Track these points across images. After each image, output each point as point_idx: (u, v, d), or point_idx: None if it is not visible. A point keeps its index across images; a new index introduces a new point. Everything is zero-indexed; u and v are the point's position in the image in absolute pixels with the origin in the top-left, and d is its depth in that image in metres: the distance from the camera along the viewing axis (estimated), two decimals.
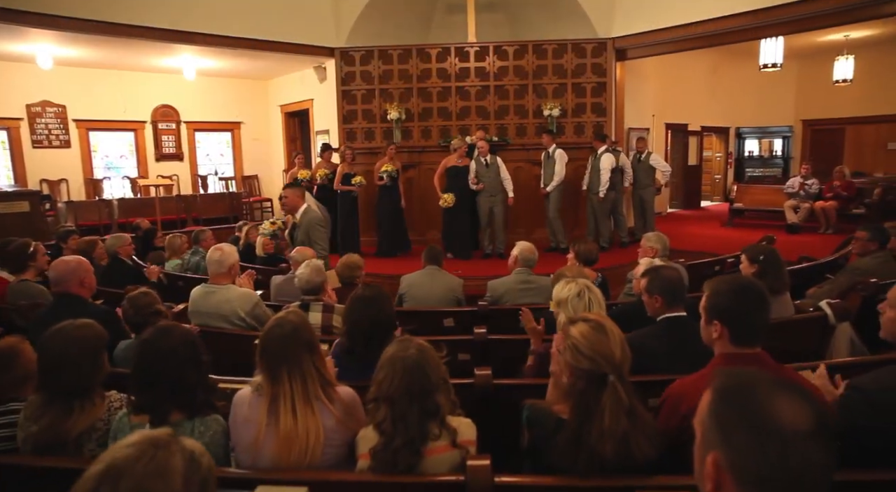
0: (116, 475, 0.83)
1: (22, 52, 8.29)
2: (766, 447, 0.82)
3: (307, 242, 4.85)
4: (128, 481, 0.83)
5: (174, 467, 0.87)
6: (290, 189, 5.21)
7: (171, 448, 0.89)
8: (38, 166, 9.42)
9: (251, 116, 11.56)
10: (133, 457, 0.85)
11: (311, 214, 5.04)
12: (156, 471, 0.86)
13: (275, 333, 1.77)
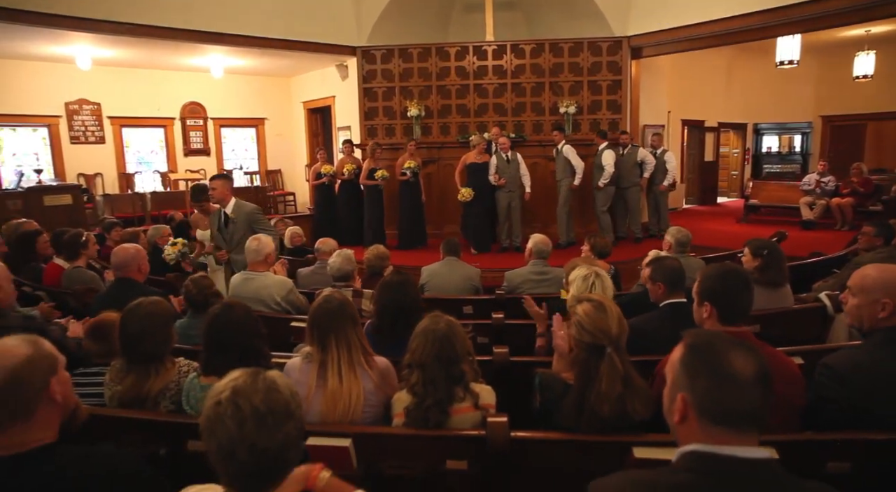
0: (246, 393, 1.12)
1: (62, 53, 8.70)
2: (722, 388, 1.08)
3: (246, 235, 4.31)
4: (258, 395, 1.12)
5: (281, 384, 1.17)
6: (219, 180, 4.81)
7: (268, 374, 1.18)
8: (76, 161, 9.86)
9: (275, 113, 11.91)
10: (249, 381, 1.14)
11: (246, 207, 4.79)
12: (272, 386, 1.15)
13: (324, 307, 2.06)
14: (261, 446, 1.09)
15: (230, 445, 1.09)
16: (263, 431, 1.10)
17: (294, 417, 1.16)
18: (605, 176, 8.15)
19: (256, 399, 1.12)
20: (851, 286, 2.03)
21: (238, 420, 1.09)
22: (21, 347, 1.31)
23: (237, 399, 1.11)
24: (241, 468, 1.10)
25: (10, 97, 9.28)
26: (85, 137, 9.99)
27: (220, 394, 1.13)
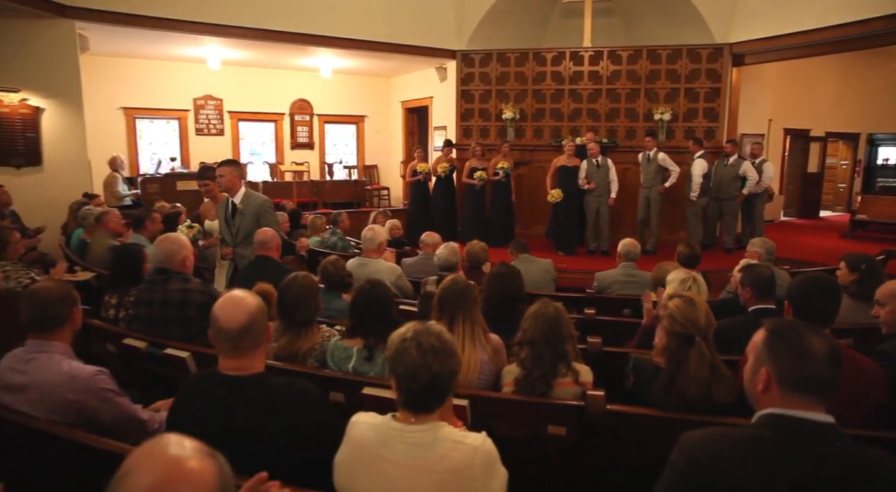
0: (425, 333, 1.51)
1: (196, 55, 9.70)
2: (799, 362, 1.34)
3: (253, 230, 4.13)
4: (433, 336, 1.52)
5: (445, 332, 1.55)
6: (227, 166, 4.39)
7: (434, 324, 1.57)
8: (199, 151, 10.92)
9: (374, 111, 12.58)
10: (424, 327, 1.53)
11: (257, 198, 4.42)
12: (440, 332, 1.54)
13: (453, 288, 2.43)
14: (435, 371, 1.48)
15: (414, 370, 1.48)
16: (438, 360, 1.48)
17: (455, 355, 1.54)
18: (694, 187, 8.06)
19: (432, 338, 1.51)
20: (878, 298, 2.19)
21: (420, 351, 1.48)
22: (252, 298, 1.78)
23: (419, 337, 1.50)
24: (420, 388, 1.48)
25: (150, 93, 10.46)
26: (208, 129, 11.05)
27: (403, 334, 1.53)
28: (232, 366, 1.75)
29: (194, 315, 2.85)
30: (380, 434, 1.53)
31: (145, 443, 0.87)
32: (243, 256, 4.28)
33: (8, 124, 7.21)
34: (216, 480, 0.85)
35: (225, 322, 1.76)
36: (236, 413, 1.70)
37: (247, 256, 4.20)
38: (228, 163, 4.48)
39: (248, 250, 4.19)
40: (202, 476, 0.85)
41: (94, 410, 1.98)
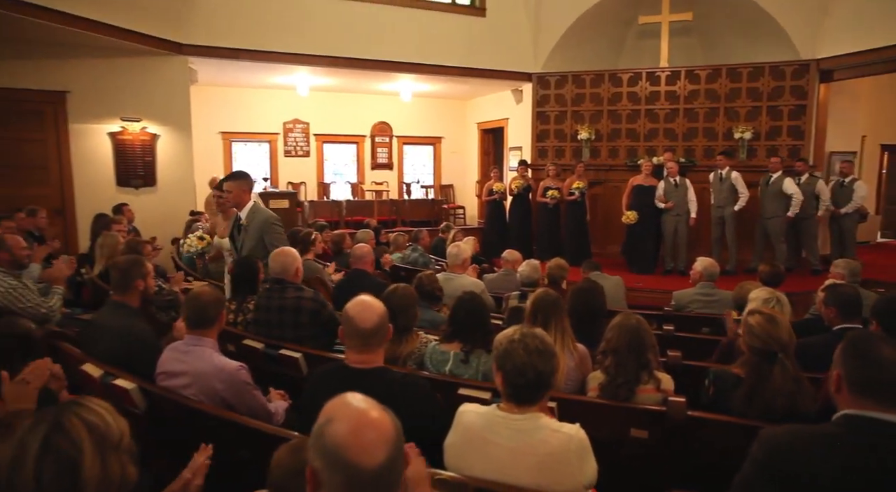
0: (530, 335, 1.75)
1: (286, 82, 10.48)
2: (866, 366, 1.48)
3: (259, 246, 3.96)
4: (537, 339, 1.76)
5: (547, 336, 1.79)
6: (233, 181, 4.16)
7: (537, 330, 1.81)
8: (287, 171, 11.71)
9: (451, 132, 13.02)
10: (528, 330, 1.78)
11: (263, 213, 4.16)
12: (543, 335, 1.78)
13: (545, 299, 2.67)
14: (539, 369, 1.71)
15: (521, 367, 1.72)
16: (542, 360, 1.72)
17: (555, 356, 1.77)
18: (795, 204, 7.81)
19: (537, 341, 1.75)
20: None
21: (527, 352, 1.73)
22: (379, 303, 2.09)
23: (525, 339, 1.75)
24: (525, 383, 1.72)
25: (245, 118, 11.35)
26: (295, 151, 11.83)
27: (511, 336, 1.78)
28: (358, 360, 2.06)
29: (306, 321, 3.22)
30: (486, 421, 1.78)
31: (336, 399, 1.16)
32: None
33: (130, 150, 8.09)
34: (393, 426, 1.12)
35: (359, 322, 2.07)
36: None
37: None
38: (235, 176, 4.25)
39: None
40: (384, 423, 1.11)
41: (234, 398, 2.34)
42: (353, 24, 9.05)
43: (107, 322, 2.79)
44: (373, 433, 1.08)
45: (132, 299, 2.87)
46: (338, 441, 1.06)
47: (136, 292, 2.87)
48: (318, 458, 1.07)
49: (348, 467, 1.04)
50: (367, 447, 1.06)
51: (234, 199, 4.12)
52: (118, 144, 8.08)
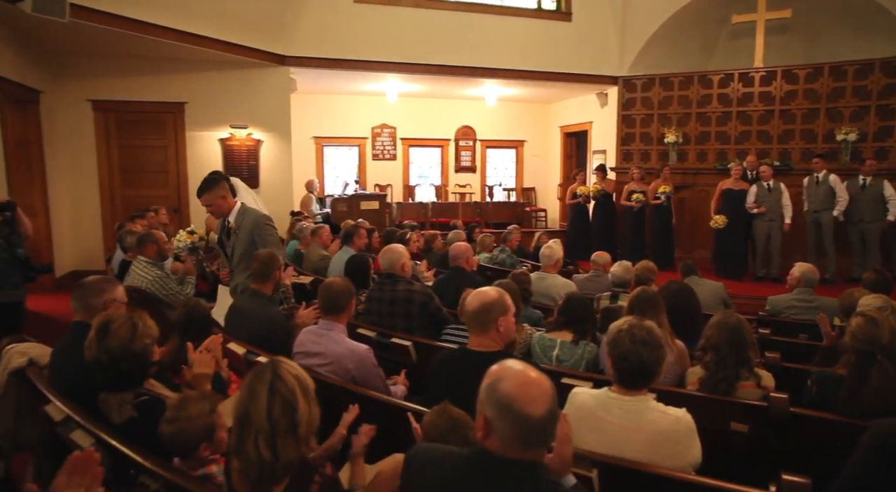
0: (637, 326, 1.94)
1: (376, 89, 10.98)
2: None
3: (251, 249, 3.63)
4: (644, 329, 1.94)
5: (656, 328, 1.95)
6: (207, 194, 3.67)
7: (647, 321, 1.98)
8: (374, 174, 12.24)
9: (533, 135, 13.15)
10: (637, 321, 1.96)
11: (253, 214, 3.82)
12: (651, 327, 1.95)
13: (643, 295, 2.84)
14: (643, 357, 1.89)
15: (626, 354, 1.91)
16: (646, 349, 1.89)
17: (660, 348, 1.93)
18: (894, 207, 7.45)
19: (643, 331, 1.93)
20: None
21: (633, 341, 1.91)
22: (493, 291, 2.32)
23: (633, 329, 1.93)
24: (629, 369, 1.91)
25: (336, 123, 11.97)
26: (383, 154, 12.35)
27: (620, 326, 1.97)
28: (477, 343, 2.30)
29: (416, 311, 3.51)
30: (598, 401, 1.98)
31: (500, 364, 1.41)
32: (239, 284, 3.69)
33: (238, 155, 8.81)
34: (550, 385, 1.37)
35: (466, 305, 2.33)
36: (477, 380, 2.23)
37: (242, 283, 3.60)
38: (206, 187, 3.68)
39: (245, 276, 3.55)
40: (544, 381, 1.37)
41: (362, 377, 2.65)
42: (442, 32, 9.41)
43: (247, 307, 3.19)
44: (536, 389, 1.33)
45: (268, 288, 3.26)
46: (509, 394, 1.30)
47: (272, 282, 3.26)
48: (490, 409, 1.32)
49: (518, 415, 1.29)
50: (533, 399, 1.30)
51: (218, 209, 3.76)
52: (227, 149, 8.82)
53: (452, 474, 1.37)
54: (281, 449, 1.40)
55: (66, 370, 2.39)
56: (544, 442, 1.36)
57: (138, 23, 6.63)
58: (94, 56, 7.94)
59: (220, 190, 3.69)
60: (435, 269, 6.16)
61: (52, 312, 6.31)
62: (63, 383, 2.34)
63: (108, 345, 1.96)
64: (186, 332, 2.46)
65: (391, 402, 2.41)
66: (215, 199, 3.67)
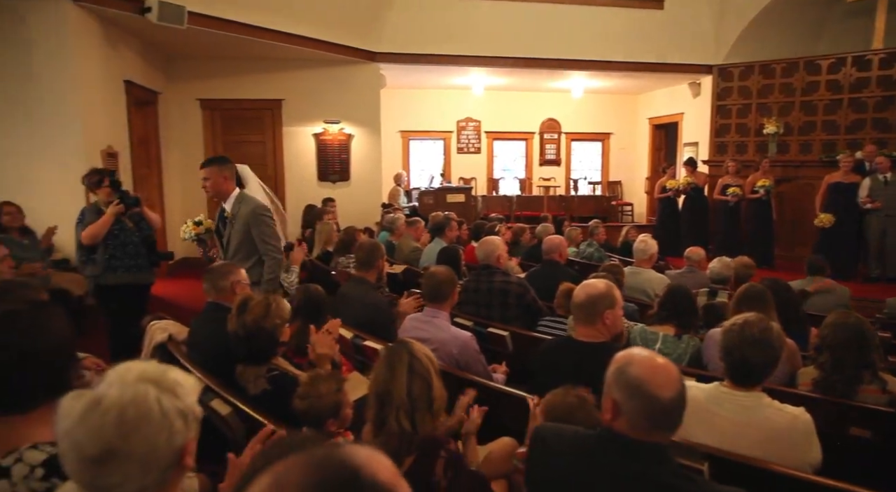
0: (750, 323, 1.92)
1: (462, 83, 11.10)
2: None
3: (247, 242, 3.49)
4: (756, 328, 1.91)
5: (774, 328, 1.92)
6: (210, 166, 3.55)
7: (767, 321, 1.95)
8: (459, 167, 12.39)
9: (620, 128, 12.83)
10: (753, 317, 1.94)
11: (251, 202, 3.59)
12: (767, 326, 1.93)
13: (752, 291, 2.78)
14: (747, 355, 1.88)
15: (731, 349, 1.90)
16: (753, 348, 1.87)
17: (773, 348, 1.90)
18: None
19: (755, 329, 1.90)
20: None
21: (741, 337, 1.89)
22: (601, 284, 2.36)
23: (744, 327, 1.91)
24: (733, 364, 1.91)
25: (422, 117, 12.21)
26: (467, 148, 12.47)
27: (734, 321, 1.94)
28: (584, 334, 2.34)
29: (513, 302, 3.58)
30: (709, 395, 1.97)
31: (626, 351, 1.47)
32: None
33: (330, 149, 9.19)
34: (678, 370, 1.42)
35: (573, 297, 2.37)
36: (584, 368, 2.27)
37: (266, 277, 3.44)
38: (212, 160, 3.61)
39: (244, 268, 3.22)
40: (672, 368, 1.42)
41: (465, 363, 2.75)
42: (528, 25, 9.35)
43: (353, 293, 3.38)
44: (665, 372, 1.38)
45: (371, 276, 3.43)
46: (639, 376, 1.35)
47: (375, 270, 3.43)
48: (619, 391, 1.37)
49: (647, 396, 1.34)
50: (662, 383, 1.35)
51: (213, 186, 3.54)
52: (320, 143, 9.22)
53: (581, 452, 1.43)
54: (420, 422, 1.54)
55: (201, 345, 2.64)
56: (671, 426, 1.41)
57: (246, 26, 7.07)
58: (203, 58, 8.53)
59: (226, 170, 3.57)
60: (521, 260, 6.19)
61: (168, 295, 6.90)
62: (200, 356, 2.59)
63: (245, 320, 2.17)
64: (307, 315, 2.66)
65: (496, 387, 2.50)
66: (217, 176, 3.51)
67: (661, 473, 1.35)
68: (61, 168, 5.54)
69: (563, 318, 3.38)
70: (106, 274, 3.97)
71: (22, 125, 5.55)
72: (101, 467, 0.99)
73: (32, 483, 1.20)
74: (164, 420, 1.03)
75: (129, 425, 1.00)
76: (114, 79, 6.54)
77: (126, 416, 1.00)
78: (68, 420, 0.99)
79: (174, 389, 1.07)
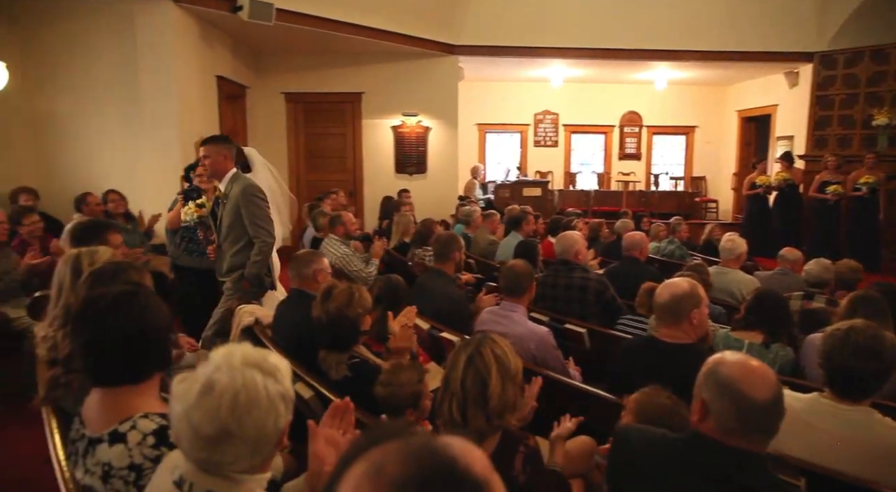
0: (856, 331, 1.77)
1: (540, 75, 10.92)
2: None
3: (238, 224, 3.34)
4: (862, 335, 1.77)
5: (884, 335, 1.77)
6: (212, 144, 3.42)
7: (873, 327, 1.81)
8: (535, 161, 12.24)
9: (706, 121, 12.22)
10: (860, 324, 1.79)
11: (243, 181, 3.40)
12: (876, 332, 1.77)
13: (866, 297, 2.59)
14: (849, 365, 1.74)
15: (834, 355, 1.77)
16: (857, 357, 1.74)
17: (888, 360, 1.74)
18: None
19: (862, 336, 1.76)
20: None
21: (844, 344, 1.76)
22: (685, 283, 2.26)
23: (850, 332, 1.77)
24: (840, 372, 1.77)
25: (498, 110, 12.13)
26: (544, 141, 12.28)
27: (837, 327, 1.81)
28: (668, 334, 2.25)
29: (592, 299, 3.50)
30: (809, 407, 1.84)
31: (720, 353, 1.41)
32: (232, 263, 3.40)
33: (408, 141, 9.30)
34: (774, 374, 1.35)
35: (656, 296, 2.29)
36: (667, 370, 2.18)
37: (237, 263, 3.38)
38: (214, 139, 3.50)
39: (238, 257, 3.33)
40: (766, 370, 1.36)
41: (543, 358, 2.71)
42: (610, 14, 9.04)
43: (431, 285, 3.41)
44: (759, 374, 1.32)
45: (449, 268, 3.45)
46: (732, 376, 1.29)
47: (452, 262, 3.44)
48: (709, 391, 1.32)
49: (740, 396, 1.28)
50: (756, 384, 1.29)
51: (213, 165, 3.40)
52: (398, 136, 9.34)
53: (667, 457, 1.37)
54: (471, 417, 1.55)
55: (285, 329, 2.75)
56: (765, 431, 1.33)
57: (330, 21, 7.26)
58: (288, 53, 8.84)
59: (226, 150, 3.43)
60: (601, 257, 6.04)
61: None
62: (284, 340, 2.70)
63: (328, 307, 2.24)
64: (387, 304, 2.71)
65: (574, 384, 2.45)
66: (217, 155, 3.38)
67: (754, 482, 1.27)
68: (160, 158, 5.93)
69: (643, 317, 3.27)
70: (181, 256, 4.24)
71: (128, 119, 5.97)
72: (216, 446, 1.07)
73: (144, 450, 1.32)
74: (270, 405, 1.10)
75: (242, 409, 1.07)
76: (207, 74, 6.90)
77: (239, 400, 1.07)
78: (184, 402, 1.08)
79: (275, 373, 1.14)
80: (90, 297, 1.43)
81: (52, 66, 6.08)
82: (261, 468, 1.14)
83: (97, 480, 1.33)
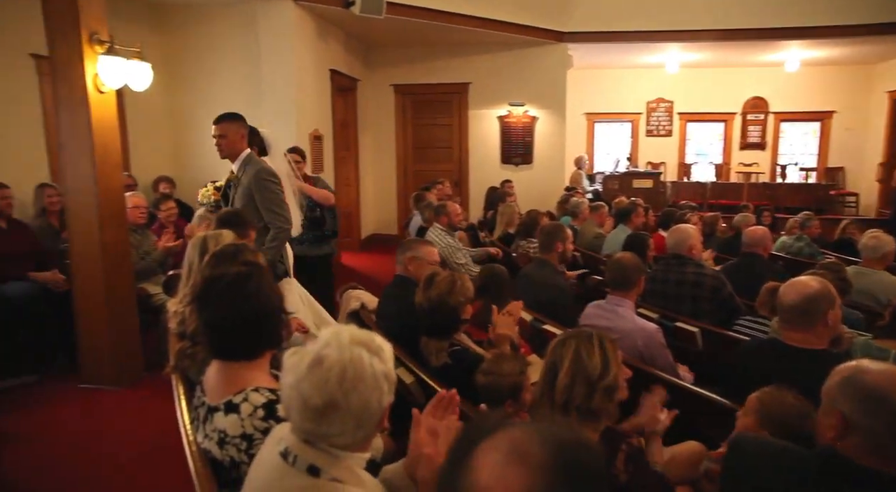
0: None
1: (653, 61, 10.37)
2: None
3: (250, 209, 3.18)
4: None
5: None
6: (227, 122, 3.26)
7: None
8: (647, 151, 11.68)
9: (846, 105, 10.99)
10: None
11: (256, 165, 3.27)
12: None
13: None
14: None
15: None
16: None
17: None
18: None
19: None
20: None
21: None
22: (814, 281, 2.05)
23: None
24: None
25: (608, 99, 11.69)
26: (657, 130, 11.69)
27: None
28: (796, 338, 2.05)
29: (707, 296, 3.27)
30: None
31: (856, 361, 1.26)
32: None
33: (514, 131, 9.22)
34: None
35: (781, 297, 2.08)
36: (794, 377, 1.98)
37: None
38: (228, 116, 3.30)
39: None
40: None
41: (650, 356, 2.57)
42: None
43: (535, 276, 3.35)
44: None
45: (553, 258, 3.37)
46: (881, 386, 1.14)
47: (556, 253, 3.36)
48: (850, 404, 1.17)
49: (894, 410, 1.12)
50: None
51: (229, 145, 3.26)
52: (504, 126, 9.28)
53: (795, 476, 1.23)
54: (572, 409, 1.55)
55: (389, 315, 2.82)
56: None
57: (438, 12, 7.34)
58: (397, 46, 9.04)
59: (241, 128, 3.30)
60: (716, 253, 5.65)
61: (360, 267, 7.54)
62: (387, 325, 2.77)
63: (430, 294, 2.26)
64: (490, 294, 2.69)
65: (684, 385, 2.30)
66: (234, 133, 3.25)
67: None
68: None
69: (764, 318, 3.00)
70: None
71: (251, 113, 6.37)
72: (322, 416, 1.11)
73: (255, 421, 1.41)
74: (375, 382, 1.14)
75: (350, 382, 1.11)
76: (322, 68, 7.23)
77: (347, 374, 1.11)
78: (295, 374, 1.13)
79: (380, 353, 1.18)
80: (210, 277, 1.54)
81: (187, 67, 6.67)
82: (362, 446, 1.18)
83: (214, 445, 1.44)
